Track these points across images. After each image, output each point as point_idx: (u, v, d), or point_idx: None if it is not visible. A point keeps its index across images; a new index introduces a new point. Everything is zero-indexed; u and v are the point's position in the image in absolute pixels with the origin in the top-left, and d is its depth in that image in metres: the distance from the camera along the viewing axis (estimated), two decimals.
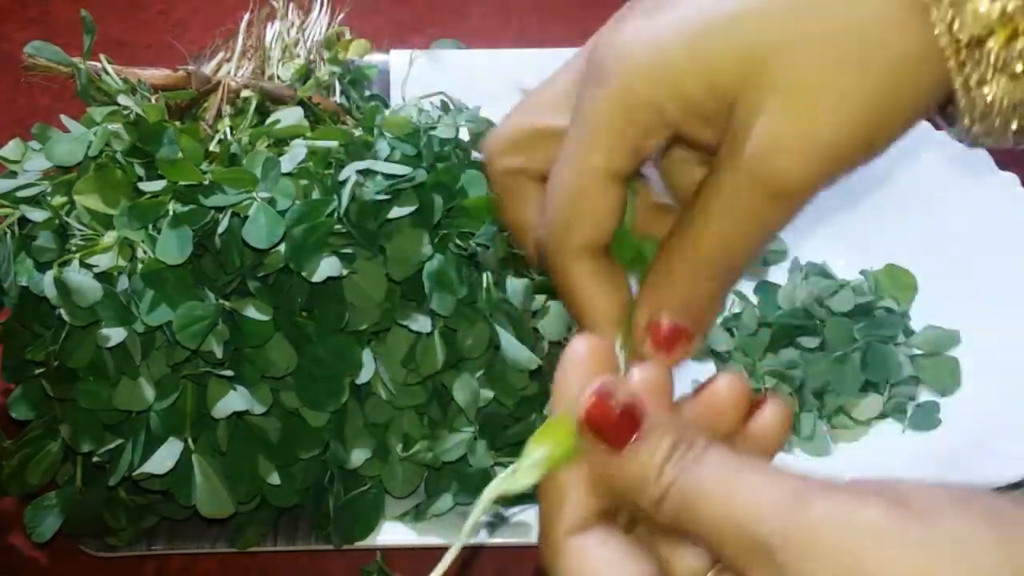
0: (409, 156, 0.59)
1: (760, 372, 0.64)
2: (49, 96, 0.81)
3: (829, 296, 0.67)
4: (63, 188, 0.57)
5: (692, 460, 0.30)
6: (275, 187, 0.55)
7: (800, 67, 0.31)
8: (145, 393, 0.53)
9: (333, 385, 0.55)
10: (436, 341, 0.56)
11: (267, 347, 0.54)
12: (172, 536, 0.59)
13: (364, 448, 0.57)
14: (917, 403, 0.65)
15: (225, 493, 0.54)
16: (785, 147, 0.31)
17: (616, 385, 0.32)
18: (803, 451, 0.63)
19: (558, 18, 0.87)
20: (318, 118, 0.66)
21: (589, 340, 0.34)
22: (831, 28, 0.31)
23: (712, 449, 0.30)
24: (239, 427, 0.55)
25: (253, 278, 0.55)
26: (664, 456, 0.30)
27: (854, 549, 0.27)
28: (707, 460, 0.30)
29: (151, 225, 0.54)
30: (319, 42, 0.71)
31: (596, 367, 0.33)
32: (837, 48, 0.30)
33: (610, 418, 0.31)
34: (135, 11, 0.88)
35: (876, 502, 0.27)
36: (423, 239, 0.56)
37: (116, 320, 0.52)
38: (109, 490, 0.56)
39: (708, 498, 0.29)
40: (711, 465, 0.30)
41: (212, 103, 0.64)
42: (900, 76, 0.31)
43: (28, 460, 0.56)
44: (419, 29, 0.86)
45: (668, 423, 0.31)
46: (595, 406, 0.31)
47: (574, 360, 0.34)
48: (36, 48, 0.61)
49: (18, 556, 0.60)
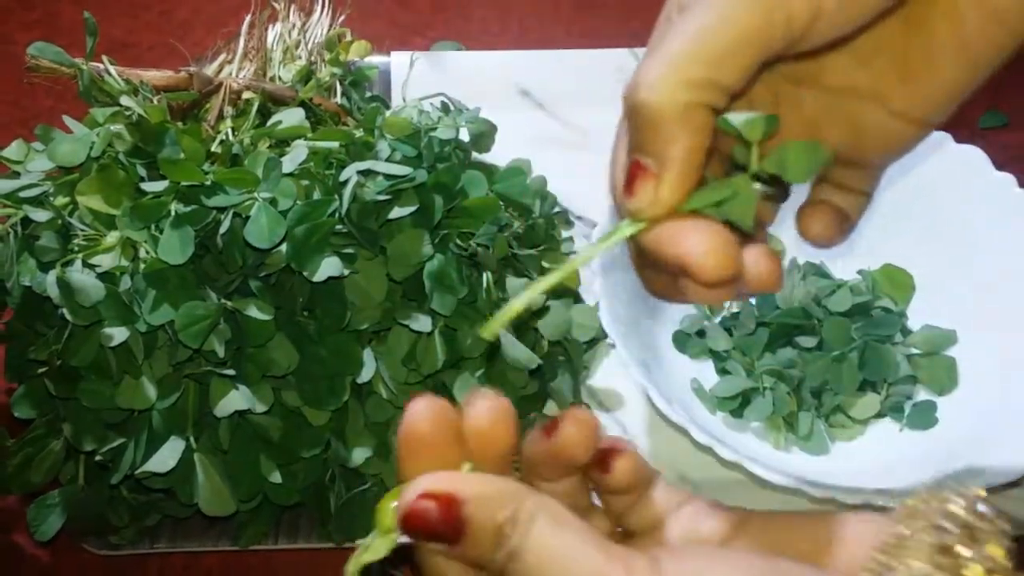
0: (410, 157, 0.60)
1: (758, 371, 0.64)
2: (52, 97, 0.82)
3: (827, 296, 0.67)
4: (66, 188, 0.57)
5: (518, 538, 0.31)
6: (276, 187, 0.56)
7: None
8: (147, 392, 0.54)
9: (334, 384, 0.55)
10: (436, 340, 0.56)
11: (269, 346, 0.54)
12: (174, 534, 0.59)
13: (365, 447, 0.57)
14: (914, 402, 0.65)
15: (227, 491, 0.55)
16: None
17: (428, 486, 0.31)
18: (801, 450, 0.63)
19: (558, 19, 0.88)
20: (319, 119, 0.66)
21: (428, 404, 0.33)
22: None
23: (536, 522, 0.31)
24: (241, 426, 0.55)
25: (255, 278, 0.55)
26: (492, 543, 0.31)
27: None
28: (531, 538, 0.31)
29: (153, 225, 0.55)
30: (320, 44, 0.71)
31: (435, 437, 0.33)
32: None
33: (429, 528, 0.31)
34: (137, 13, 0.88)
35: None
36: (423, 239, 0.57)
37: (118, 320, 0.53)
38: (111, 489, 0.56)
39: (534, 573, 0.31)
40: (535, 540, 0.31)
41: (214, 104, 0.64)
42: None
43: (31, 459, 0.56)
44: (420, 31, 0.87)
45: (491, 501, 0.31)
46: (412, 519, 0.31)
47: (413, 427, 0.33)
48: (39, 49, 0.61)
49: (21, 554, 0.60)
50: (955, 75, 0.34)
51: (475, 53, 0.82)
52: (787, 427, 0.63)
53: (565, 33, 0.86)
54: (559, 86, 0.79)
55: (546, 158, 0.71)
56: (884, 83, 0.35)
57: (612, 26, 0.87)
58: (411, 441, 0.32)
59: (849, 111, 0.36)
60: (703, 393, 0.64)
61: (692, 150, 0.32)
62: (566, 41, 0.86)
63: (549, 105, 0.79)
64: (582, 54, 0.81)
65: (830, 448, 0.63)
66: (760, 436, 0.64)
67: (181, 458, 0.54)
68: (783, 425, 0.63)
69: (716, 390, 0.64)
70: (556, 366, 0.63)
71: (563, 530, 0.31)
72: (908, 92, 0.34)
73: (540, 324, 0.61)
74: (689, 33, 0.32)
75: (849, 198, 0.38)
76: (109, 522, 0.57)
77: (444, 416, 0.33)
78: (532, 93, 0.79)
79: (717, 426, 0.63)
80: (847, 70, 0.35)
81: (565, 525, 0.31)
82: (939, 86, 0.34)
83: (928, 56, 0.34)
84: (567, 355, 0.63)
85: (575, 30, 0.87)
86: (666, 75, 0.32)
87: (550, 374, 0.62)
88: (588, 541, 0.31)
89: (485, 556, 0.31)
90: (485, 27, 0.87)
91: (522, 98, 0.79)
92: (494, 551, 0.31)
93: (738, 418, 0.64)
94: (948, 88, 0.34)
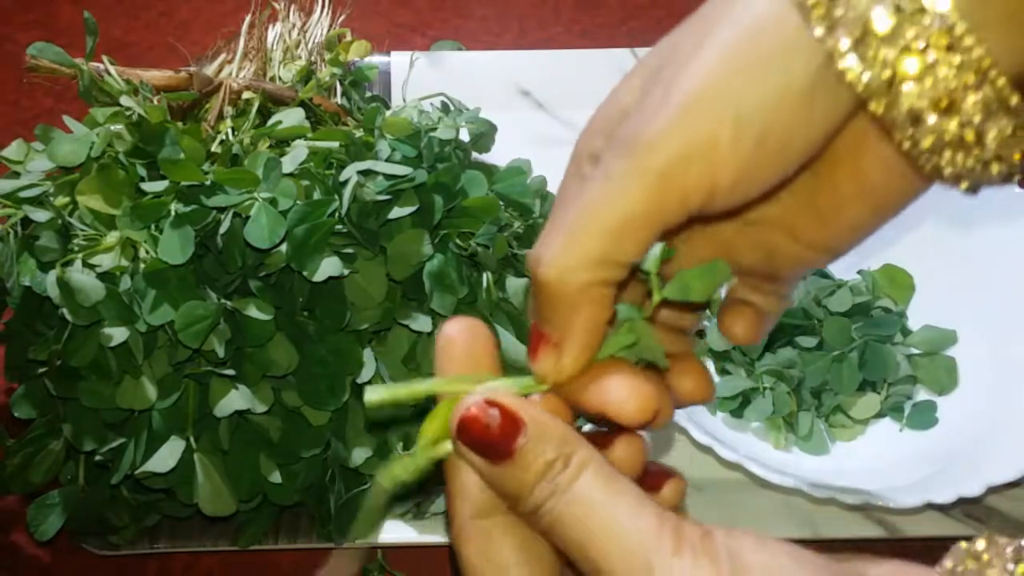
0: (409, 157, 0.60)
1: (758, 372, 0.64)
2: (52, 97, 0.82)
3: (827, 296, 0.67)
4: (66, 188, 0.57)
5: (565, 481, 0.31)
6: (276, 187, 0.56)
7: None
8: (147, 392, 0.54)
9: (334, 384, 0.55)
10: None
11: (269, 346, 0.54)
12: (174, 534, 0.59)
13: (365, 447, 0.57)
14: (914, 402, 0.65)
15: (227, 492, 0.55)
16: None
17: (496, 397, 0.32)
18: (801, 450, 0.63)
19: (558, 19, 0.88)
20: (319, 119, 0.66)
21: (466, 323, 0.34)
22: None
23: (586, 472, 0.31)
24: (241, 426, 0.55)
25: (255, 278, 0.55)
26: (537, 475, 0.31)
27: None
28: (578, 485, 0.31)
29: (153, 225, 0.55)
30: (320, 44, 0.71)
31: (477, 349, 0.34)
32: None
33: (483, 438, 0.31)
34: (137, 13, 0.88)
35: (714, 571, 0.29)
36: (423, 239, 0.57)
37: (118, 320, 0.53)
38: (111, 489, 0.56)
39: (571, 526, 0.30)
40: (581, 489, 0.31)
41: (214, 104, 0.64)
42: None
43: (31, 459, 0.56)
44: (420, 30, 0.87)
45: (547, 436, 0.31)
46: (470, 423, 0.31)
47: (454, 342, 0.34)
48: (39, 49, 0.61)
49: (21, 554, 0.60)
50: (862, 220, 0.34)
51: (475, 53, 0.82)
52: (787, 427, 0.63)
53: (565, 33, 0.86)
54: (559, 86, 0.79)
55: (546, 158, 0.70)
56: (793, 217, 0.35)
57: (612, 26, 0.87)
58: (450, 349, 0.33)
59: (760, 238, 0.36)
60: None
61: (591, 322, 0.33)
62: (566, 41, 0.86)
63: (549, 105, 0.79)
64: (582, 54, 0.81)
65: (830, 448, 0.63)
66: (760, 436, 0.64)
67: (181, 458, 0.54)
68: (783, 425, 0.63)
69: (716, 390, 0.64)
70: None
71: (614, 486, 0.31)
72: (816, 228, 0.35)
73: None
74: (588, 207, 0.32)
75: (768, 299, 0.38)
76: (109, 522, 0.57)
77: (481, 331, 0.34)
78: (532, 93, 0.79)
79: (717, 426, 0.63)
80: (758, 203, 0.35)
81: (617, 482, 0.31)
82: (847, 226, 0.35)
83: (835, 202, 0.34)
84: None
85: (575, 30, 0.87)
86: (564, 252, 0.32)
87: None
88: (641, 502, 0.30)
89: (526, 488, 0.31)
90: (485, 27, 0.87)
91: (522, 98, 0.79)
92: (536, 484, 0.31)
93: (738, 418, 0.64)
94: (855, 228, 0.35)
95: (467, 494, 0.32)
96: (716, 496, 0.60)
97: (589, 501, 0.30)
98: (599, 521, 0.30)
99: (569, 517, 0.30)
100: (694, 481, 0.61)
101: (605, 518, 0.30)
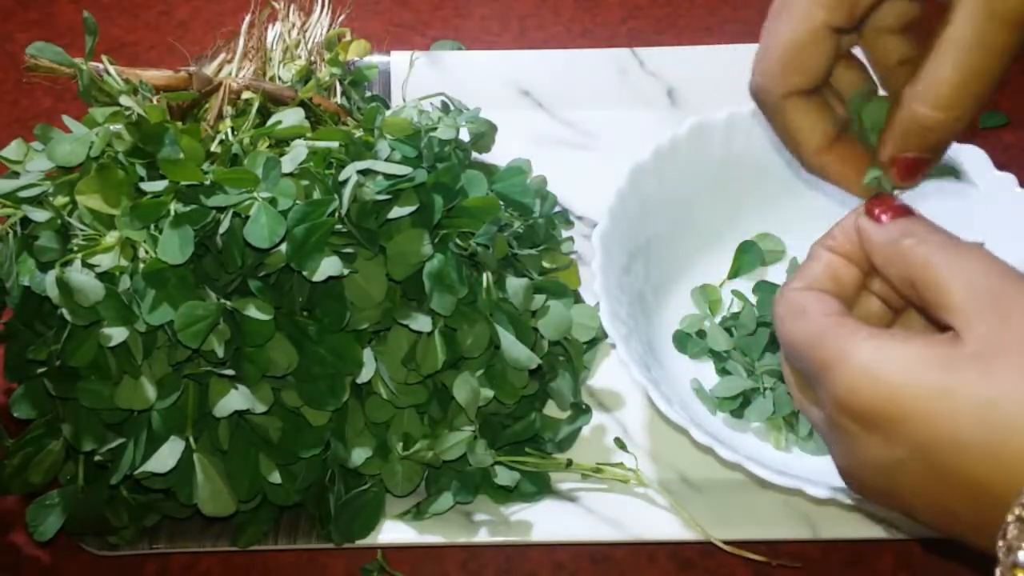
0: (409, 157, 0.60)
1: (758, 372, 0.64)
2: (51, 97, 0.82)
3: None
4: (65, 188, 0.57)
5: (922, 237, 0.41)
6: (276, 187, 0.56)
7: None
8: (147, 392, 0.54)
9: (334, 384, 0.55)
10: (436, 340, 0.56)
11: (268, 346, 0.54)
12: (173, 535, 0.59)
13: (365, 447, 0.57)
14: None
15: (226, 492, 0.54)
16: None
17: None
18: (801, 450, 0.63)
19: (558, 19, 0.88)
20: (319, 119, 0.66)
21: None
22: None
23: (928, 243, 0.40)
24: (240, 426, 0.55)
25: (254, 278, 0.55)
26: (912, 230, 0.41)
27: None
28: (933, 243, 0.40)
29: (153, 225, 0.55)
30: (320, 43, 0.71)
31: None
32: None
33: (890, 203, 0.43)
34: (137, 12, 0.88)
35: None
36: (423, 239, 0.57)
37: (118, 320, 0.53)
38: (111, 489, 0.56)
39: (920, 261, 0.39)
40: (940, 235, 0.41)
41: (213, 104, 0.64)
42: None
43: (30, 459, 0.56)
44: (419, 30, 0.87)
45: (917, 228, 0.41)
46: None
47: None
48: (38, 49, 0.61)
49: (20, 555, 0.60)
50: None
51: (475, 53, 0.82)
52: (787, 427, 0.63)
53: (565, 33, 0.86)
54: (559, 86, 0.79)
55: (546, 158, 0.71)
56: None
57: (612, 26, 0.87)
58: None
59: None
60: (703, 393, 0.64)
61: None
62: (566, 41, 0.86)
63: (549, 105, 0.78)
64: (582, 54, 0.81)
65: None
66: (760, 436, 0.63)
67: (180, 458, 0.54)
68: (783, 425, 0.63)
69: (716, 390, 0.64)
70: (556, 366, 0.63)
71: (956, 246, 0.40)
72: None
73: (540, 324, 0.61)
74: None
75: None
76: (108, 522, 0.57)
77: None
78: (532, 93, 0.79)
79: (717, 426, 0.63)
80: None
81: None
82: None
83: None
84: (567, 355, 0.63)
85: (575, 30, 0.87)
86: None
87: (550, 374, 0.62)
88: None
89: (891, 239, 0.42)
90: (485, 27, 0.87)
91: (522, 98, 0.79)
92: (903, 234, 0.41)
93: (738, 418, 0.64)
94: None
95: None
96: (716, 496, 0.60)
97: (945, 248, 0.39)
98: (952, 256, 0.39)
99: (919, 258, 0.39)
100: (694, 482, 0.61)
101: (955, 264, 0.38)
